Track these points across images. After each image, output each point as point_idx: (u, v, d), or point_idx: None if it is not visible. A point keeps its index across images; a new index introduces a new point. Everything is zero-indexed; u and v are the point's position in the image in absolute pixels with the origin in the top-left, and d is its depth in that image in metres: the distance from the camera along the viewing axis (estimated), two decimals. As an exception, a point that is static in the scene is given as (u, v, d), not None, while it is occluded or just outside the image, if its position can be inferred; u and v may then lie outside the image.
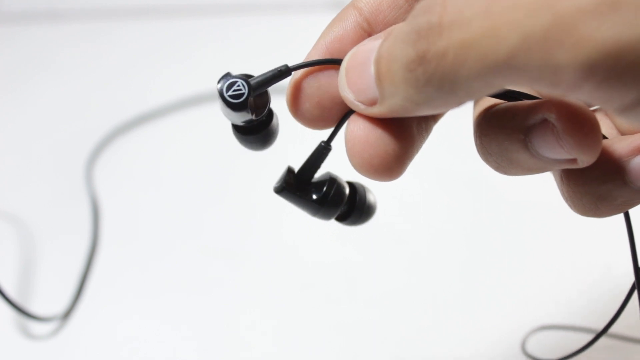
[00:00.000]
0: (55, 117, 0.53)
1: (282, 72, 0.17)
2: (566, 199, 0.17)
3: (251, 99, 0.17)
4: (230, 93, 0.18)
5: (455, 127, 0.50)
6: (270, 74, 0.18)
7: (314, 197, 0.18)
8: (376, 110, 0.15)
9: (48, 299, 0.34)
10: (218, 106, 0.19)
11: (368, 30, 0.16)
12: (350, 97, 0.16)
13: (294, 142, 0.27)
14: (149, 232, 0.39)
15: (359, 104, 0.16)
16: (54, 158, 0.47)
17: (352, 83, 0.15)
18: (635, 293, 0.19)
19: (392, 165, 0.16)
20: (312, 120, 0.17)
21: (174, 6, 0.75)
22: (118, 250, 0.37)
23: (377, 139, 0.16)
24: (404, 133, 0.16)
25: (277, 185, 0.18)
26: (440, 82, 0.12)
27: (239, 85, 0.17)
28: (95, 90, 0.58)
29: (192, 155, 0.47)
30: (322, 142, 0.18)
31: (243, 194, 0.42)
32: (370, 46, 0.15)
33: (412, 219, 0.39)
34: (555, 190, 0.18)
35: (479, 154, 0.18)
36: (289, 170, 0.18)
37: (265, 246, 0.37)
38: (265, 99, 0.18)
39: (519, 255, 0.35)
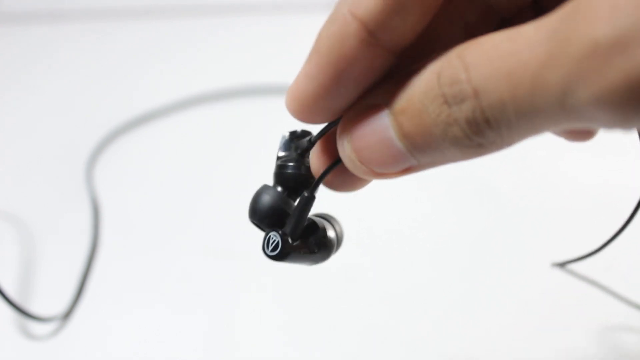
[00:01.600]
0: (55, 117, 0.53)
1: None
2: None
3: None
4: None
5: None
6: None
7: (316, 250, 0.19)
8: (410, 171, 0.16)
9: (48, 299, 0.34)
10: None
11: (373, 43, 0.15)
12: (372, 172, 0.16)
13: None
14: (149, 232, 0.39)
15: (387, 173, 0.16)
16: (54, 158, 0.47)
17: (374, 163, 0.15)
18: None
19: (357, 187, 0.19)
20: (311, 115, 0.17)
21: (174, 6, 0.75)
22: (118, 250, 0.37)
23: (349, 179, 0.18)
24: None
25: (277, 253, 0.18)
26: (492, 142, 0.13)
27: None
28: (96, 90, 0.58)
29: (192, 155, 0.47)
30: (305, 192, 0.18)
31: (244, 194, 0.42)
32: (379, 122, 0.15)
33: (412, 218, 0.39)
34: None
35: None
36: (282, 233, 0.18)
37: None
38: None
39: (521, 255, 0.35)
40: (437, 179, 0.43)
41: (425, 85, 0.13)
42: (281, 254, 0.18)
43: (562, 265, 0.33)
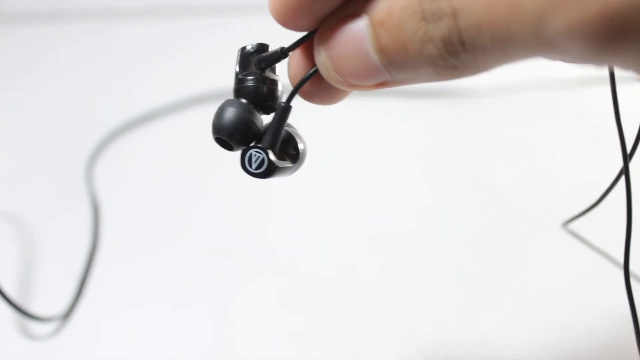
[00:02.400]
0: (55, 117, 0.53)
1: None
2: None
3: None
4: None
5: (462, 132, 0.50)
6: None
7: (295, 161, 0.18)
8: (381, 85, 0.15)
9: (48, 299, 0.34)
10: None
11: None
12: (348, 82, 0.15)
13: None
14: (149, 232, 0.39)
15: (359, 84, 0.15)
16: (54, 158, 0.47)
17: (348, 73, 0.15)
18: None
19: (335, 98, 0.18)
20: (296, 25, 0.16)
21: (174, 6, 0.75)
22: (118, 250, 0.37)
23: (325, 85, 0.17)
24: None
25: (263, 169, 0.17)
26: (472, 72, 0.14)
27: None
28: (96, 90, 0.58)
29: (192, 155, 0.47)
30: (282, 102, 0.17)
31: (244, 194, 0.42)
32: (357, 33, 0.14)
33: (412, 218, 0.39)
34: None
35: None
36: (264, 148, 0.17)
37: (268, 247, 0.37)
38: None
39: (521, 255, 0.35)
40: (446, 183, 0.43)
41: (406, 0, 0.13)
42: (268, 170, 0.17)
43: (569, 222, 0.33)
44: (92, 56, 0.65)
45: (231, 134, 0.17)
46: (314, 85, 0.17)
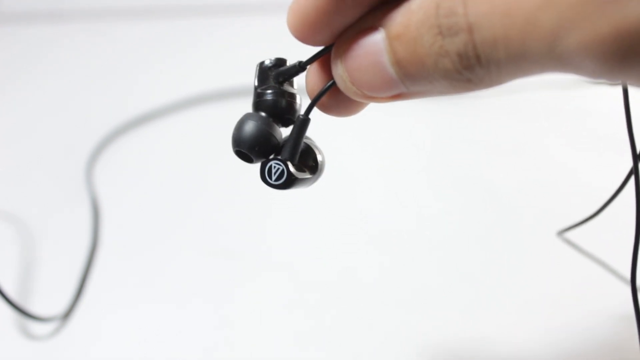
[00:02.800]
0: (55, 117, 0.53)
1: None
2: None
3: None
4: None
5: (461, 132, 0.50)
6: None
7: (314, 173, 0.18)
8: (399, 98, 0.16)
9: (48, 299, 0.34)
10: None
11: None
12: (364, 94, 0.16)
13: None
14: (149, 232, 0.39)
15: (375, 96, 0.16)
16: (54, 158, 0.47)
17: (365, 85, 0.15)
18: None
19: (353, 110, 0.18)
20: (314, 40, 0.17)
21: (174, 6, 0.75)
22: (118, 251, 0.37)
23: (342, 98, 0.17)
24: None
25: (283, 181, 0.17)
26: (485, 87, 0.14)
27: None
28: (96, 90, 0.58)
29: (192, 155, 0.47)
30: (300, 115, 0.17)
31: (244, 194, 0.42)
32: (373, 46, 0.15)
33: (412, 218, 0.39)
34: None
35: None
36: (284, 160, 0.17)
37: (268, 247, 0.37)
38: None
39: (521, 256, 0.35)
40: (447, 183, 0.43)
41: (424, 14, 0.14)
42: (287, 182, 0.17)
43: (566, 230, 0.33)
44: (92, 56, 0.65)
45: (251, 147, 0.18)
46: (331, 98, 0.17)
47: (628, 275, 0.22)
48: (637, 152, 0.22)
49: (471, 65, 0.13)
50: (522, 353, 0.29)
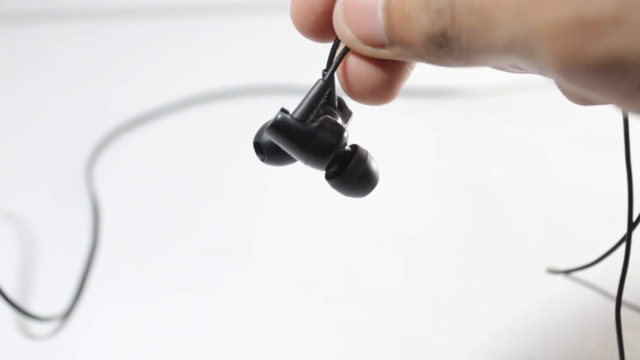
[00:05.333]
0: (55, 117, 0.53)
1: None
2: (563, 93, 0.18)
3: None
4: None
5: (453, 128, 0.50)
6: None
7: (312, 127, 0.17)
8: (380, 53, 0.16)
9: (48, 299, 0.34)
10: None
11: None
12: (348, 34, 0.16)
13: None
14: (149, 232, 0.39)
15: (359, 42, 0.16)
16: (54, 158, 0.47)
17: (353, 22, 0.16)
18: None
19: (386, 93, 0.17)
20: (317, 32, 0.17)
21: (174, 6, 0.75)
22: (118, 250, 0.37)
23: (371, 72, 0.17)
24: (399, 62, 0.17)
25: (272, 122, 0.16)
26: (457, 57, 0.14)
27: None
28: (96, 90, 0.58)
29: (192, 155, 0.47)
30: (322, 79, 0.17)
31: (244, 193, 0.42)
32: None
33: (412, 219, 0.39)
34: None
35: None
36: (283, 110, 0.17)
37: (266, 246, 0.37)
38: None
39: (521, 256, 0.35)
40: (434, 179, 0.43)
41: None
42: (276, 124, 0.16)
43: (559, 272, 0.33)
44: (92, 56, 0.65)
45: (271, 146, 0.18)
46: (360, 83, 0.17)
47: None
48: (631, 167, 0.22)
49: (445, 28, 0.14)
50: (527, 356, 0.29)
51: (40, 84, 0.59)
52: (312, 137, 0.16)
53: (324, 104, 0.18)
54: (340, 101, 0.19)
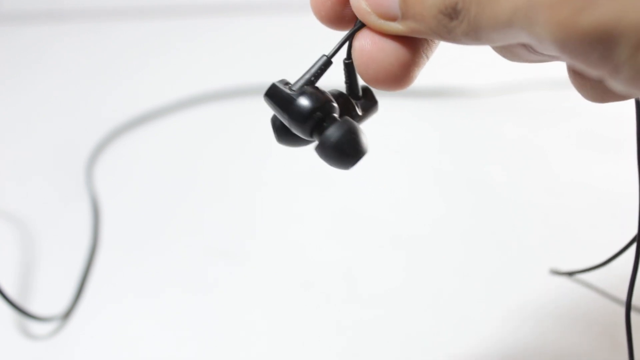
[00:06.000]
0: (55, 117, 0.53)
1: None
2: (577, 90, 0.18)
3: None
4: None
5: (453, 128, 0.50)
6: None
7: (293, 93, 0.17)
8: (394, 28, 0.16)
9: (48, 299, 0.34)
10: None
11: None
12: (362, 6, 0.16)
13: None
14: (150, 232, 0.39)
15: (373, 15, 0.16)
16: (54, 158, 0.47)
17: None
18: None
19: (402, 77, 0.17)
20: (334, 18, 0.18)
21: (174, 6, 0.75)
22: (118, 250, 0.37)
23: (387, 53, 0.17)
24: (414, 44, 0.17)
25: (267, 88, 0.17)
26: (466, 31, 0.14)
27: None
28: (96, 90, 0.58)
29: (192, 155, 0.47)
30: (325, 55, 0.17)
31: (244, 193, 0.42)
32: None
33: (412, 219, 0.39)
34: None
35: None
36: (282, 80, 0.18)
37: (266, 246, 0.37)
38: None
39: (521, 256, 0.35)
40: (434, 179, 0.43)
41: None
42: (267, 91, 0.17)
43: (563, 274, 0.33)
44: (92, 56, 0.65)
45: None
46: (375, 65, 0.17)
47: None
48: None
49: (455, 1, 0.14)
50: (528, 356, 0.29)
51: (40, 84, 0.59)
52: (291, 101, 0.17)
53: (342, 93, 0.18)
54: (367, 91, 0.20)
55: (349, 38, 0.17)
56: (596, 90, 0.16)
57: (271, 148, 0.20)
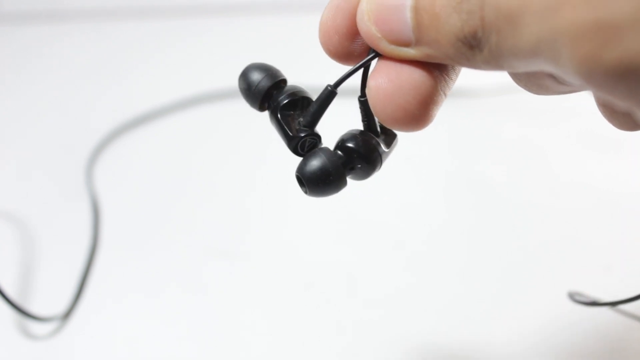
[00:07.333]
0: (55, 117, 0.53)
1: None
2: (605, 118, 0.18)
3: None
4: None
5: (453, 128, 0.50)
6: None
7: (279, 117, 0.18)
8: (407, 53, 0.16)
9: (48, 299, 0.34)
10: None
11: None
12: (372, 31, 0.16)
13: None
14: (150, 232, 0.39)
15: (384, 41, 0.16)
16: (54, 158, 0.47)
17: (379, 21, 0.16)
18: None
19: (420, 116, 0.17)
20: (342, 54, 0.17)
21: (174, 6, 0.75)
22: (118, 250, 0.37)
23: (405, 91, 0.16)
24: (430, 78, 0.16)
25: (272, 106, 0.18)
26: (487, 59, 0.14)
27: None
28: (96, 90, 0.58)
29: (192, 155, 0.47)
30: (329, 85, 0.17)
31: (244, 194, 0.42)
32: None
33: (412, 219, 0.39)
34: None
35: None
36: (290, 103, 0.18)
37: (266, 246, 0.37)
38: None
39: (521, 256, 0.35)
40: (437, 180, 0.43)
41: None
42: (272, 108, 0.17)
43: (602, 305, 0.29)
44: (92, 56, 0.65)
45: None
46: (391, 103, 0.16)
47: None
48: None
49: (475, 29, 0.13)
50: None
51: (40, 84, 0.59)
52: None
53: (363, 132, 0.19)
54: (384, 126, 0.19)
55: (358, 69, 0.17)
56: (627, 120, 0.16)
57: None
